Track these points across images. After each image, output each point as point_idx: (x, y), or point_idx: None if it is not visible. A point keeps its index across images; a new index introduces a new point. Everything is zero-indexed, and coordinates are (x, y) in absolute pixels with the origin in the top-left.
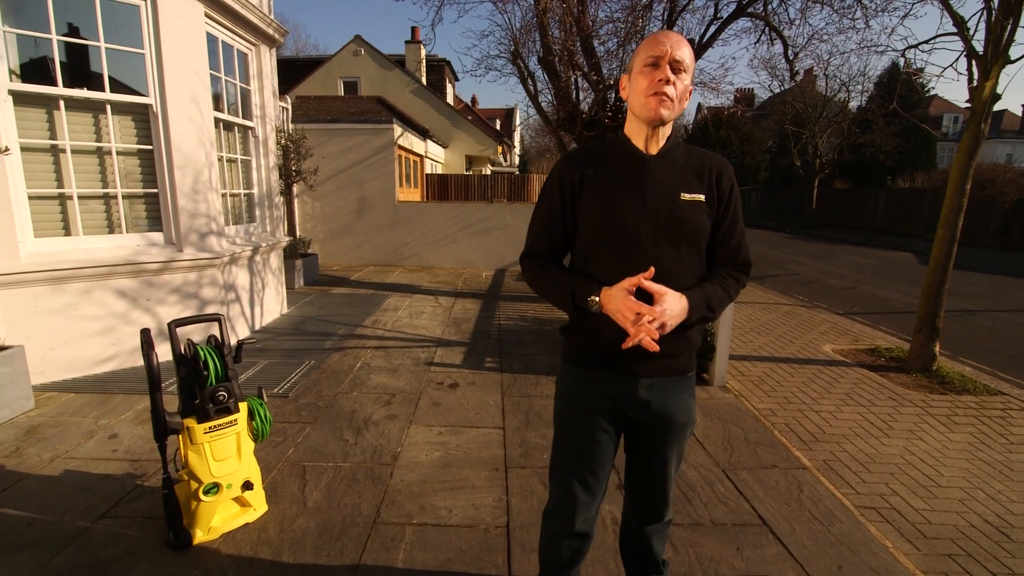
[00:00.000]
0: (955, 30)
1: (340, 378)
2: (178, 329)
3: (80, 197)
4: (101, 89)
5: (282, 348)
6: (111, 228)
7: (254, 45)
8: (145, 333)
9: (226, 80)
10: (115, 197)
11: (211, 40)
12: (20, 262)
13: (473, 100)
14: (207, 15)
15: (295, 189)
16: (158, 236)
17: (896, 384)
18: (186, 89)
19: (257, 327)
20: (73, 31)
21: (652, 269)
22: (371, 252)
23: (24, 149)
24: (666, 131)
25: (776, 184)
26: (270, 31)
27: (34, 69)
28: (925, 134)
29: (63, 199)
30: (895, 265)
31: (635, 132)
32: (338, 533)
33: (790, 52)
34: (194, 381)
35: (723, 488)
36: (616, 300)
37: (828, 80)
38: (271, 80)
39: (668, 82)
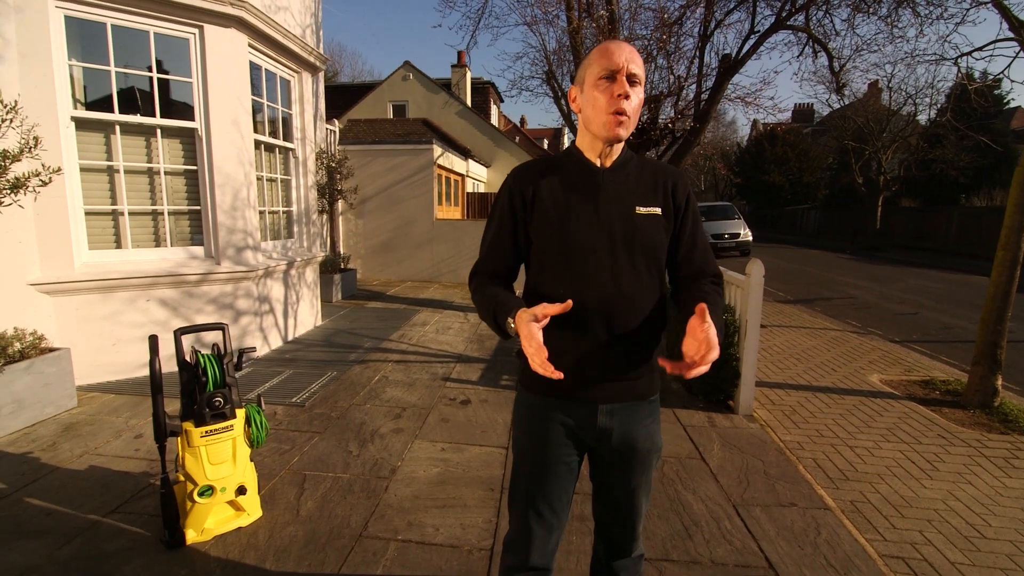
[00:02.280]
0: (1012, 35)
1: (357, 390)
2: (208, 335)
3: (131, 213)
4: (152, 115)
5: (309, 359)
6: (157, 242)
7: (296, 72)
8: (152, 340)
9: (268, 105)
10: (162, 213)
11: (255, 68)
12: (74, 271)
13: (522, 121)
14: (251, 45)
15: (339, 207)
16: (199, 250)
17: (949, 420)
18: (228, 114)
19: (290, 338)
20: (129, 62)
21: (570, 302)
22: (410, 268)
23: (83, 169)
24: (620, 144)
25: (836, 203)
26: (311, 59)
27: (94, 97)
28: (1005, 148)
29: (116, 215)
30: (966, 290)
31: (588, 146)
32: (323, 544)
33: (836, 64)
34: (194, 386)
35: (730, 525)
36: (521, 325)
37: (892, 93)
38: (312, 104)
39: (626, 97)
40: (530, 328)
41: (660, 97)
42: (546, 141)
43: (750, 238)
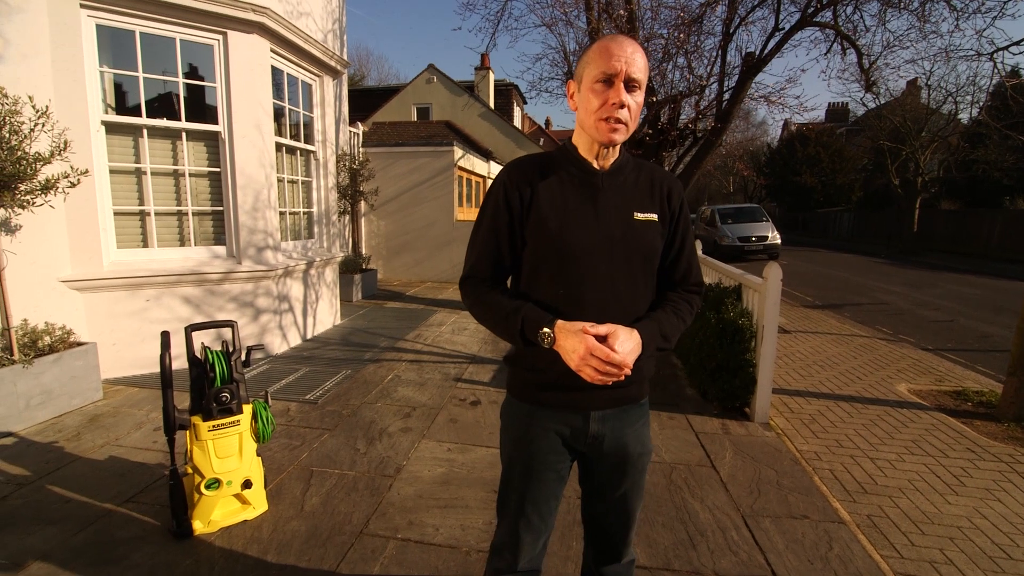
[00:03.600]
0: None
1: (369, 388)
2: (228, 332)
3: (157, 213)
4: (178, 119)
5: (326, 357)
6: (182, 241)
7: (318, 76)
8: (164, 335)
9: (290, 108)
10: (186, 214)
11: (277, 72)
12: (103, 269)
13: (547, 122)
14: (273, 50)
15: (361, 208)
16: (221, 249)
17: (980, 433)
18: (250, 117)
19: (308, 336)
20: (156, 68)
21: (609, 325)
22: (430, 269)
23: (112, 172)
24: (617, 145)
25: (871, 205)
26: (332, 63)
27: (123, 102)
28: None
29: (143, 215)
30: (1008, 297)
31: (585, 146)
32: (324, 540)
33: (865, 61)
34: (203, 382)
35: (737, 536)
36: (573, 339)
37: (931, 91)
38: (334, 108)
39: (622, 106)
40: (588, 342)
41: (678, 97)
42: None
43: (779, 241)
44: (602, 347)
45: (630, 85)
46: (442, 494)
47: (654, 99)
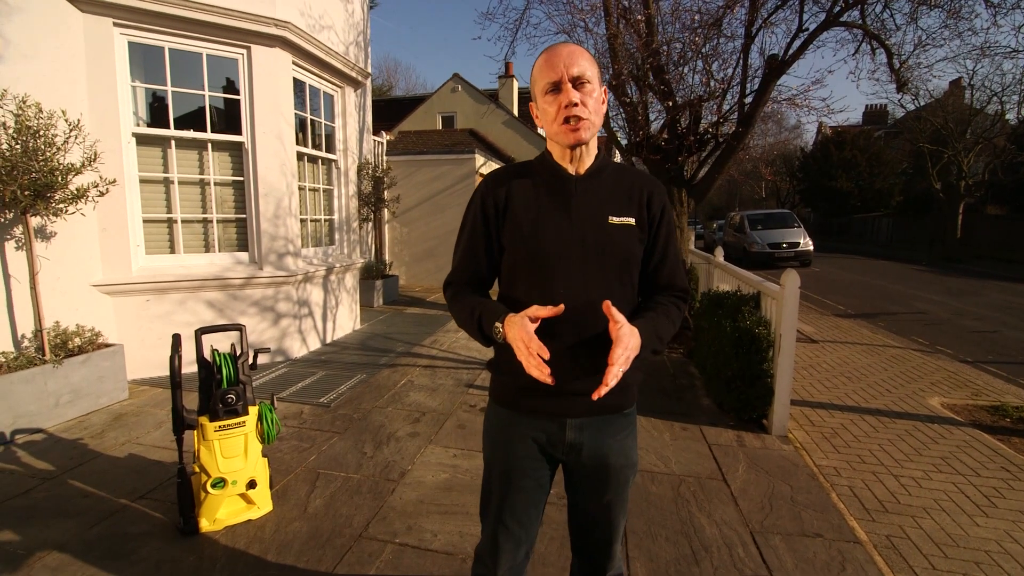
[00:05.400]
0: None
1: (382, 393)
2: (251, 335)
3: (183, 221)
4: (204, 130)
5: (343, 361)
6: (207, 247)
7: (339, 87)
8: (175, 338)
9: (312, 119)
10: (211, 221)
11: (299, 84)
12: (132, 274)
13: None
14: (295, 63)
15: (385, 215)
16: (244, 255)
17: (1017, 451)
18: (272, 128)
19: (328, 340)
20: (184, 82)
21: (562, 306)
22: None
23: (142, 181)
24: (591, 148)
25: (911, 210)
26: (353, 74)
27: (152, 114)
28: None
29: (170, 222)
30: None
31: (558, 153)
32: (324, 541)
33: (895, 61)
34: (211, 383)
35: (744, 552)
36: (515, 327)
37: (975, 91)
38: (355, 117)
39: (575, 104)
40: (526, 328)
41: (695, 102)
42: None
43: (811, 247)
44: (533, 337)
45: (578, 83)
46: (444, 500)
47: (670, 103)
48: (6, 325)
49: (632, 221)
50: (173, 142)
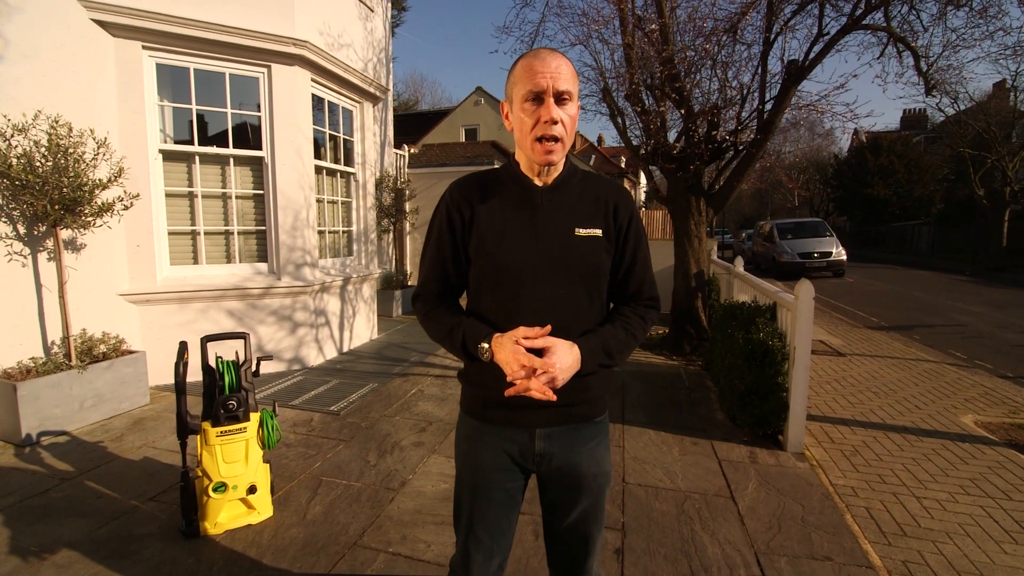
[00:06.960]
0: None
1: (391, 402)
2: (275, 343)
3: (206, 233)
4: (227, 146)
5: (357, 370)
6: (228, 258)
7: (358, 102)
8: (181, 345)
9: (330, 133)
10: (232, 233)
11: (318, 100)
12: (157, 284)
13: (599, 139)
14: (314, 80)
15: (406, 226)
16: (263, 266)
17: None
18: (291, 143)
19: (344, 349)
20: (207, 100)
21: (549, 327)
22: None
23: (168, 195)
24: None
25: (953, 218)
26: (371, 90)
27: (177, 131)
28: None
29: (193, 234)
30: None
31: (525, 163)
32: (319, 548)
33: (923, 64)
34: (214, 389)
35: (745, 574)
36: (505, 350)
37: (1018, 93)
38: (374, 131)
39: (555, 122)
40: (517, 350)
41: (707, 111)
42: (623, 158)
43: (844, 257)
44: (528, 355)
45: (560, 98)
46: (441, 510)
47: (684, 112)
48: (37, 332)
49: (599, 232)
50: (197, 158)
